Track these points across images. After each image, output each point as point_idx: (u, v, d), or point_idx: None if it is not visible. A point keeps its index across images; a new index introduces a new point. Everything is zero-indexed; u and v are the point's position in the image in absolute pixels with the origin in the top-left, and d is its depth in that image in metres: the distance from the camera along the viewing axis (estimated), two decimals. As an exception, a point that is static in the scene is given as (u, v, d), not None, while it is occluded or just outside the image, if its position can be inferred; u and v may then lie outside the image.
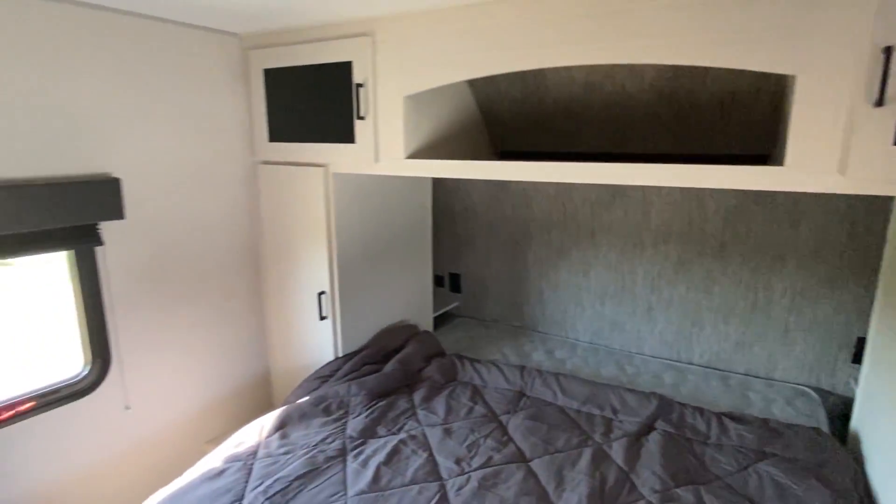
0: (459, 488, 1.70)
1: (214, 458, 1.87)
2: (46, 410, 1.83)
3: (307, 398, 2.19)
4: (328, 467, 1.81)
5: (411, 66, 1.91)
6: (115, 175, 1.90)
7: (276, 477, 1.74)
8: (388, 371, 2.39)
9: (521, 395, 2.32)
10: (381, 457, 1.85)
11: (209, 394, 2.40)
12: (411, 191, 2.71)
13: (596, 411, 2.15)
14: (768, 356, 2.43)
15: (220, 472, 1.78)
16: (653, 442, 1.91)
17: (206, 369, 2.37)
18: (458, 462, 1.84)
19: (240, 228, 2.42)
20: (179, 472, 2.27)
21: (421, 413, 2.17)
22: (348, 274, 2.37)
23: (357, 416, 2.11)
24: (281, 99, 2.26)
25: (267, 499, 1.64)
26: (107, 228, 1.91)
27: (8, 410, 1.74)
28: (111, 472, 2.05)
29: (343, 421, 2.09)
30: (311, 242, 2.33)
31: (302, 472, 1.77)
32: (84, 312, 1.92)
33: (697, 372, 2.57)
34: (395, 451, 1.89)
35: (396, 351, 2.58)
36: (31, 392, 1.81)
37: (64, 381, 1.91)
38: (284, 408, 2.13)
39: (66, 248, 1.84)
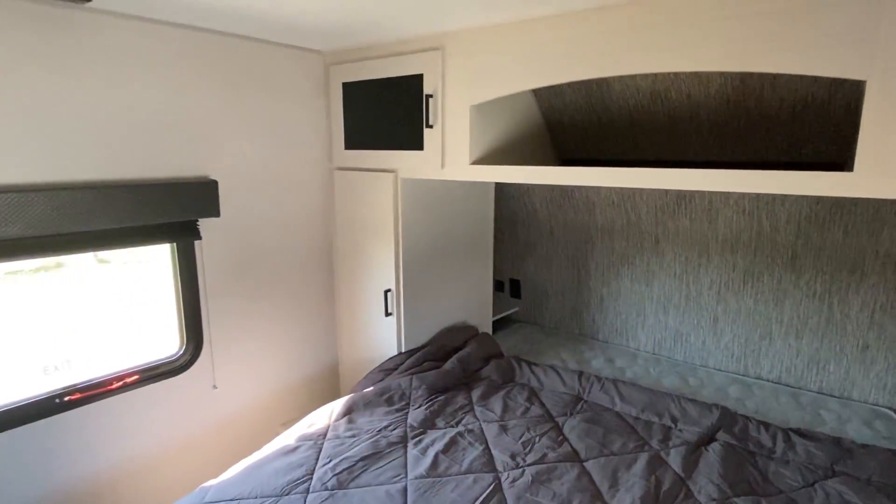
0: (514, 480, 1.77)
1: (288, 437, 2.05)
2: (148, 384, 2.08)
3: (372, 388, 2.33)
4: (390, 451, 1.94)
5: (478, 77, 2.03)
6: (214, 178, 2.14)
7: (342, 456, 1.88)
8: (447, 368, 2.49)
9: (579, 399, 2.34)
10: (439, 446, 1.95)
11: (284, 380, 2.60)
12: (474, 197, 2.81)
13: (654, 419, 2.14)
14: (844, 374, 2.31)
15: (294, 449, 1.95)
16: (713, 452, 1.89)
17: (282, 356, 2.58)
18: (513, 457, 1.90)
19: (316, 228, 2.63)
20: (256, 450, 2.49)
21: (478, 409, 2.25)
22: (413, 274, 2.51)
23: (417, 407, 2.23)
24: (356, 110, 2.45)
25: (334, 475, 1.78)
26: (204, 225, 2.15)
27: (118, 381, 1.99)
28: (199, 444, 2.28)
29: (404, 411, 2.21)
30: (379, 243, 2.49)
31: (366, 454, 1.90)
32: (182, 299, 2.17)
33: (766, 387, 2.48)
34: (452, 442, 1.99)
35: (456, 350, 2.68)
36: (136, 367, 2.07)
37: (163, 360, 2.15)
38: (351, 395, 2.29)
39: (171, 242, 2.09)
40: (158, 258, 2.17)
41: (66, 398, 1.86)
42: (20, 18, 1.62)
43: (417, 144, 2.22)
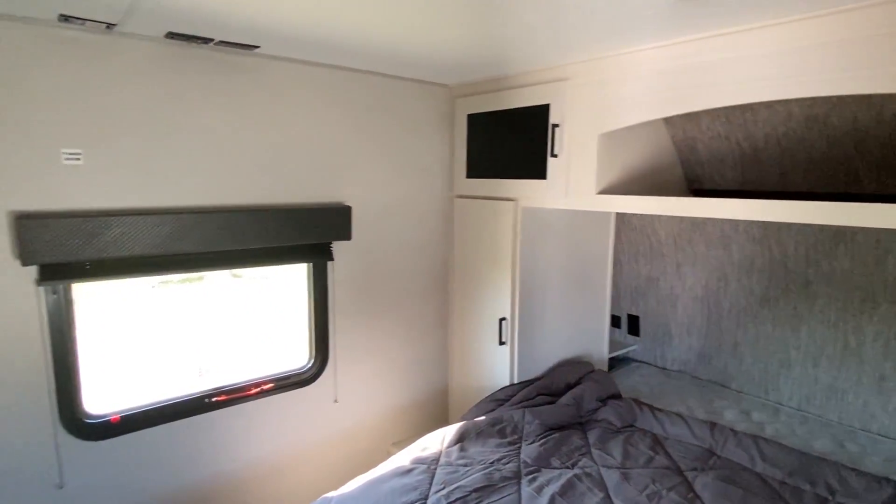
0: (638, 535, 1.63)
1: (403, 458, 2.08)
2: (280, 392, 2.25)
3: (483, 418, 2.30)
4: (504, 486, 1.89)
5: (607, 106, 1.98)
6: (348, 204, 2.30)
7: (456, 485, 1.87)
8: (561, 405, 2.39)
9: (711, 453, 2.12)
10: (555, 487, 1.87)
11: (396, 400, 2.67)
12: (594, 227, 2.72)
13: (806, 486, 1.87)
14: None
15: (408, 471, 1.98)
16: (885, 535, 1.60)
17: (397, 377, 2.65)
18: (636, 509, 1.76)
19: (434, 255, 2.70)
20: (370, 466, 2.56)
21: (595, 453, 2.12)
22: (528, 303, 2.47)
23: (531, 443, 2.16)
24: (480, 140, 2.51)
25: (448, 503, 1.77)
26: (336, 248, 2.31)
27: (255, 387, 2.18)
28: (320, 454, 2.40)
29: (517, 445, 2.15)
30: (496, 271, 2.49)
31: (479, 485, 1.87)
32: (314, 316, 2.33)
33: (953, 464, 2.06)
34: (569, 485, 1.89)
35: (570, 386, 2.57)
36: (271, 375, 2.24)
37: (293, 371, 2.32)
38: (463, 423, 2.28)
39: (308, 262, 2.26)
40: (281, 276, 2.35)
41: (214, 399, 2.07)
42: (208, 65, 1.89)
43: (540, 174, 2.21)
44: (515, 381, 2.50)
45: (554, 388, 2.52)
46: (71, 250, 1.64)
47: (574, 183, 2.12)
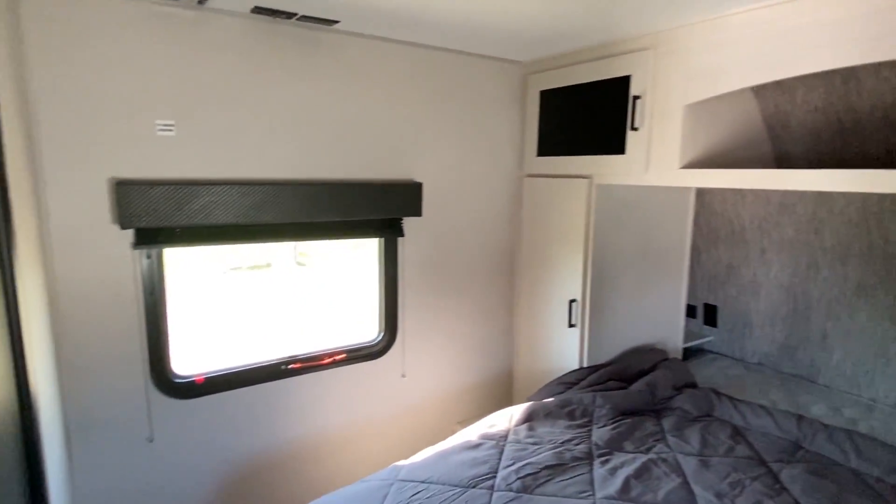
0: (722, 523, 1.54)
1: (470, 433, 2.07)
2: (351, 364, 2.29)
3: (552, 400, 2.26)
4: (575, 466, 1.84)
5: (694, 75, 1.88)
6: (418, 180, 2.31)
7: (526, 461, 1.84)
8: (634, 390, 2.31)
9: (798, 446, 1.99)
10: (629, 470, 1.80)
11: (461, 379, 2.67)
12: (672, 209, 2.60)
13: (910, 486, 1.71)
14: None
15: (477, 446, 1.97)
16: None
17: (462, 357, 2.65)
18: (719, 496, 1.67)
19: (502, 234, 2.67)
20: (436, 443, 2.58)
21: (671, 439, 2.03)
22: (600, 286, 2.39)
23: (602, 426, 2.09)
24: (552, 117, 2.45)
25: (518, 478, 1.75)
26: (406, 224, 2.32)
27: (328, 357, 2.23)
28: (387, 427, 2.44)
29: (587, 428, 2.10)
30: (567, 251, 2.43)
31: (550, 463, 1.83)
32: (384, 291, 2.36)
33: None
34: (645, 468, 1.82)
35: (643, 373, 2.47)
36: (343, 347, 2.29)
37: (364, 344, 2.36)
38: (531, 403, 2.24)
39: (379, 237, 2.29)
40: (344, 262, 2.39)
41: (290, 366, 2.14)
42: (290, 41, 1.94)
43: (618, 148, 2.13)
44: (584, 366, 2.43)
45: (625, 374, 2.44)
46: (163, 216, 1.74)
47: (655, 157, 2.02)
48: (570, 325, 2.42)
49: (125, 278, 1.78)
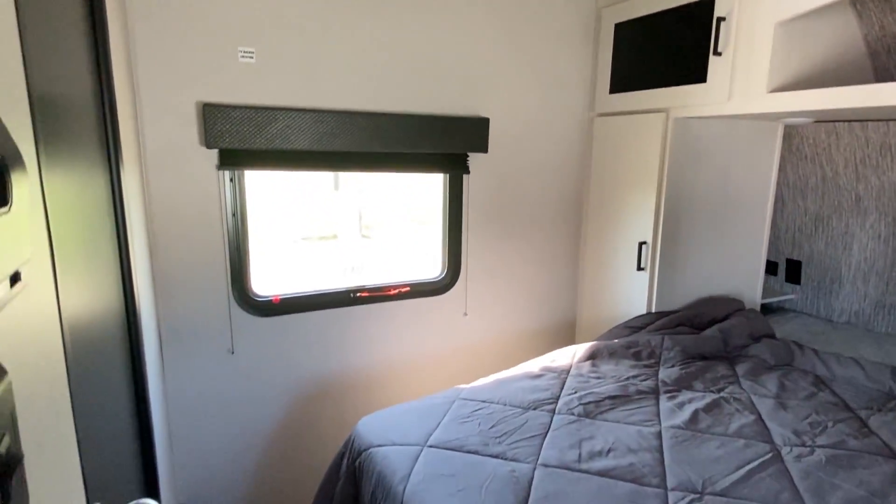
0: (799, 456, 1.47)
1: (532, 365, 2.08)
2: (415, 298, 2.35)
3: (617, 341, 2.21)
4: (640, 398, 1.80)
5: (790, -12, 1.72)
6: (485, 116, 2.30)
7: (588, 391, 1.82)
8: (706, 336, 2.22)
9: (890, 396, 1.84)
10: (699, 404, 1.74)
11: (523, 323, 2.66)
12: (755, 148, 2.43)
13: None
14: None
15: (538, 376, 1.97)
16: None
17: (524, 300, 2.64)
18: (796, 433, 1.58)
19: (569, 176, 2.61)
20: (495, 382, 2.59)
21: (745, 383, 1.94)
22: (673, 228, 2.29)
23: (670, 366, 2.03)
24: (627, 50, 2.34)
25: (581, 404, 1.74)
26: (472, 161, 2.32)
27: (394, 289, 2.29)
28: (449, 362, 2.49)
29: (654, 368, 2.04)
30: (638, 192, 2.34)
31: (613, 394, 1.81)
32: (448, 228, 2.38)
33: None
34: (715, 404, 1.75)
35: (715, 322, 2.36)
36: (408, 280, 2.35)
37: (428, 279, 2.40)
38: (594, 342, 2.21)
39: (445, 172, 2.31)
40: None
41: (358, 294, 2.22)
42: (358, -31, 1.97)
43: (699, 76, 2.01)
44: (653, 311, 2.36)
45: (697, 321, 2.34)
46: (244, 138, 1.84)
47: (740, 83, 1.89)
48: (639, 269, 2.35)
49: (211, 199, 1.91)
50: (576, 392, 1.83)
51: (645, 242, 2.32)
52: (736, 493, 1.33)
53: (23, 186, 0.36)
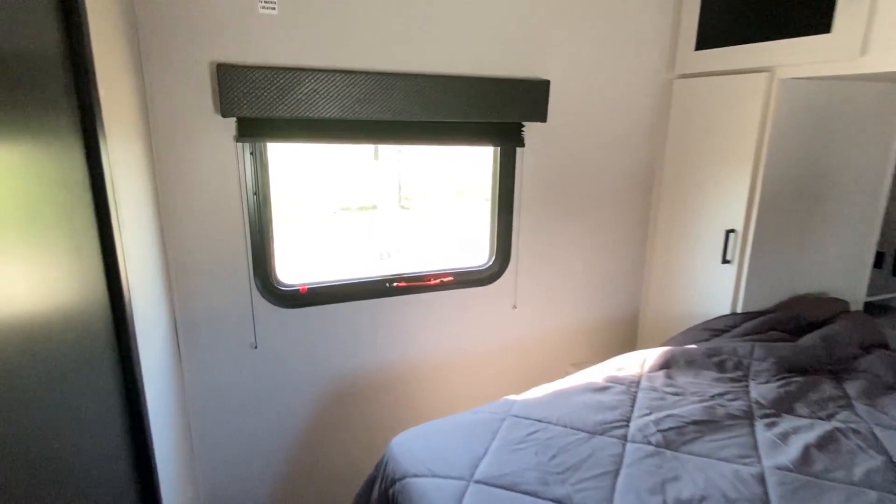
0: (959, 523, 1.13)
1: (593, 374, 1.78)
2: (458, 288, 2.07)
3: (694, 346, 1.88)
4: (731, 426, 1.49)
5: None
6: (545, 78, 1.95)
7: (667, 412, 1.52)
8: (805, 344, 1.85)
9: None
10: (808, 437, 1.41)
11: (579, 317, 2.35)
12: (879, 120, 1.99)
13: None
14: None
15: (603, 388, 1.67)
16: None
17: (582, 291, 2.32)
18: (948, 487, 1.24)
19: (640, 149, 2.24)
20: (545, 381, 2.32)
21: (861, 407, 1.58)
22: (770, 214, 1.91)
23: (763, 382, 1.69)
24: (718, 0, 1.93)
25: (659, 430, 1.44)
26: (527, 132, 1.99)
27: (435, 279, 2.03)
28: (496, 359, 2.22)
29: (742, 384, 1.71)
30: (728, 170, 1.96)
31: (699, 418, 1.50)
32: (497, 210, 2.08)
33: None
34: (830, 438, 1.41)
35: (815, 326, 1.99)
36: (451, 269, 2.07)
37: (473, 267, 2.12)
38: (668, 348, 1.89)
39: (496, 145, 1.99)
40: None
41: (394, 284, 1.96)
42: None
43: (821, 26, 1.59)
44: (738, 311, 2.00)
45: (793, 324, 1.98)
46: (265, 105, 1.57)
47: (881, 31, 1.47)
48: (724, 262, 1.98)
49: (229, 175, 1.67)
50: (650, 413, 1.52)
51: (733, 231, 1.95)
52: (880, 574, 1.01)
53: None
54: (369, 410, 2.05)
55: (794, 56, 1.69)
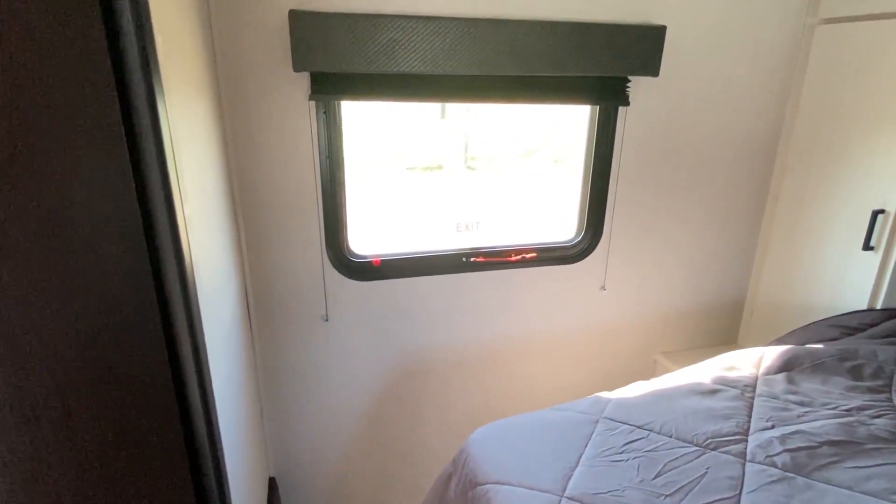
0: None
1: (699, 374, 1.56)
2: (542, 266, 1.88)
3: (822, 347, 1.61)
4: (876, 449, 1.24)
5: None
6: (659, 24, 1.65)
7: (795, 428, 1.29)
8: (968, 352, 1.53)
9: None
10: None
11: (674, 301, 2.10)
12: None
13: None
14: None
15: (712, 392, 1.45)
16: None
17: (680, 273, 2.06)
18: None
19: (764, 109, 1.90)
20: (632, 372, 2.12)
21: None
22: (934, 193, 1.56)
23: (913, 397, 1.41)
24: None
25: (787, 450, 1.22)
26: (633, 89, 1.72)
27: (517, 254, 1.84)
28: (575, 346, 2.04)
29: (885, 395, 1.43)
30: (879, 135, 1.61)
31: (835, 437, 1.26)
32: (590, 178, 1.84)
33: None
34: None
35: (976, 329, 1.65)
36: (534, 244, 1.88)
37: (560, 243, 1.92)
38: (789, 347, 1.62)
39: (595, 104, 1.74)
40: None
41: (472, 259, 1.80)
42: None
43: None
44: (880, 307, 1.68)
45: (948, 326, 1.64)
46: (340, 57, 1.41)
47: None
48: (867, 248, 1.66)
49: (301, 136, 1.54)
50: (773, 426, 1.30)
51: (883, 211, 1.62)
52: None
53: None
54: (441, 390, 1.94)
55: None
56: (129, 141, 0.73)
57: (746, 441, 1.27)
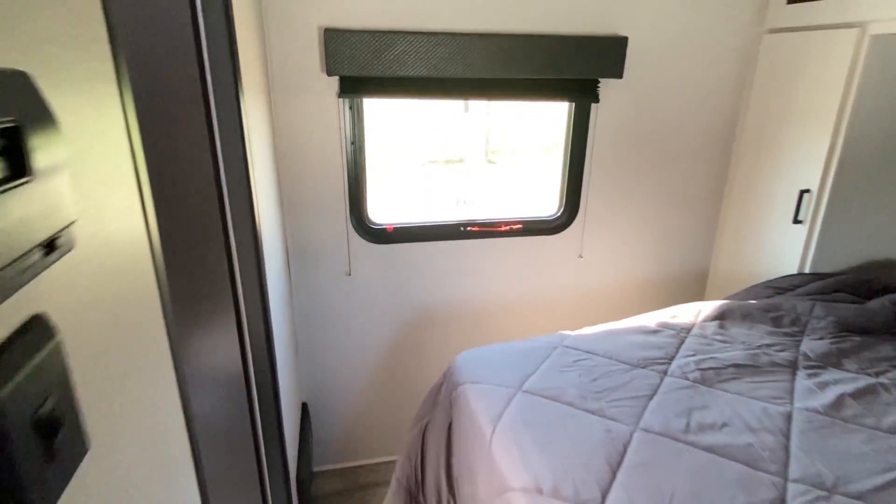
0: (978, 471, 1.19)
1: (647, 320, 1.92)
2: (527, 236, 2.26)
3: (754, 301, 1.95)
4: (772, 371, 1.59)
5: None
6: (622, 34, 2.01)
7: (709, 355, 1.65)
8: (873, 307, 1.86)
9: None
10: (847, 388, 1.49)
11: (645, 272, 2.46)
12: None
13: None
14: None
15: (653, 332, 1.82)
16: None
17: (649, 246, 2.41)
18: (981, 443, 1.29)
19: (721, 106, 2.24)
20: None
21: (917, 369, 1.61)
22: (850, 176, 1.88)
23: (817, 338, 1.75)
24: (820, -54, 1.85)
25: (698, 368, 1.58)
26: (603, 87, 2.08)
27: (505, 226, 2.23)
28: (559, 306, 2.41)
29: (796, 339, 1.77)
30: (807, 130, 1.94)
31: (740, 362, 1.62)
32: (568, 163, 2.21)
33: None
34: (869, 390, 1.48)
35: (888, 291, 1.96)
36: (520, 217, 2.26)
37: (542, 217, 2.29)
38: (725, 301, 1.97)
39: (569, 101, 2.11)
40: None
41: (468, 228, 2.19)
42: None
43: (920, -22, 1.53)
44: (807, 271, 2.02)
45: (862, 288, 1.97)
46: (362, 64, 1.81)
47: (984, -16, 1.40)
48: (796, 221, 1.99)
49: (331, 127, 1.95)
50: (694, 354, 1.66)
51: (808, 191, 1.95)
52: (875, 499, 1.13)
53: (55, 147, 0.34)
54: (442, 338, 2.34)
55: (887, 10, 1.63)
56: (208, 124, 1.15)
57: (670, 364, 1.63)
